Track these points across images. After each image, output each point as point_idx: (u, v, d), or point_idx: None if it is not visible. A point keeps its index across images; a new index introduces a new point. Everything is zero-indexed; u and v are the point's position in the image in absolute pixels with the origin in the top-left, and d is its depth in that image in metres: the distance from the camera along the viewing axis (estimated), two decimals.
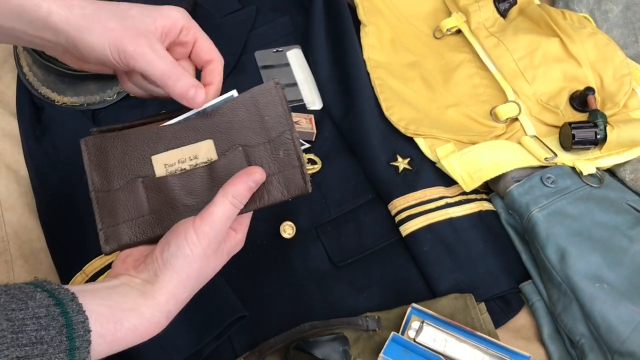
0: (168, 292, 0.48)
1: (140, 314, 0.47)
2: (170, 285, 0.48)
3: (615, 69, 0.80)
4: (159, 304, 0.48)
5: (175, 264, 0.48)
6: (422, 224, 0.72)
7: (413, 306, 0.66)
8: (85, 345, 0.42)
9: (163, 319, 0.49)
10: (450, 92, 0.82)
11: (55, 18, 0.48)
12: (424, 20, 0.90)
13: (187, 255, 0.48)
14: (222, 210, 0.50)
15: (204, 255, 0.49)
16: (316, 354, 0.62)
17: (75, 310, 0.43)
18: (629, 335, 0.62)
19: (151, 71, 0.50)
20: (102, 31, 0.49)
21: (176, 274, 0.49)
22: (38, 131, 0.80)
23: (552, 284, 0.67)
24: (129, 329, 0.46)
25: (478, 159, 0.74)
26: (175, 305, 0.49)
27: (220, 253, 0.51)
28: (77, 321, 0.42)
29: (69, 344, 0.41)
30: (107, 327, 0.45)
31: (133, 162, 0.54)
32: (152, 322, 0.48)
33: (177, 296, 0.49)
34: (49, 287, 0.44)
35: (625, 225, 0.69)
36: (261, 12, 0.90)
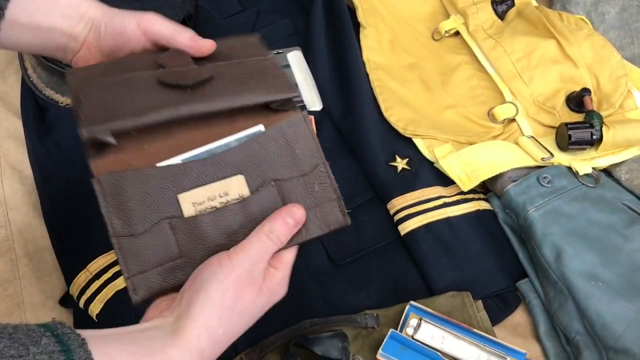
0: (200, 325, 0.44)
1: (167, 357, 0.42)
2: (202, 316, 0.44)
3: (611, 71, 0.81)
4: (189, 342, 0.43)
5: (208, 290, 0.45)
6: (420, 223, 0.73)
7: (411, 304, 0.67)
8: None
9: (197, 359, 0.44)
10: (449, 93, 0.83)
11: (92, 12, 0.58)
12: (422, 22, 0.91)
13: (220, 281, 0.45)
14: (257, 243, 0.47)
15: (238, 283, 0.45)
16: (316, 351, 0.63)
17: (83, 357, 0.39)
18: (623, 332, 0.63)
19: (164, 29, 0.58)
20: (127, 15, 0.58)
21: (209, 302, 0.44)
22: (42, 132, 0.81)
23: (548, 282, 0.68)
24: None
25: (475, 159, 0.75)
26: (209, 343, 0.44)
27: (259, 289, 0.48)
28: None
29: None
30: None
31: (157, 202, 0.49)
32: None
33: (210, 330, 0.44)
34: (60, 331, 0.40)
35: (621, 225, 0.70)
36: (262, 14, 0.91)
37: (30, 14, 0.55)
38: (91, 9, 0.58)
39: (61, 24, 0.57)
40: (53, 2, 0.56)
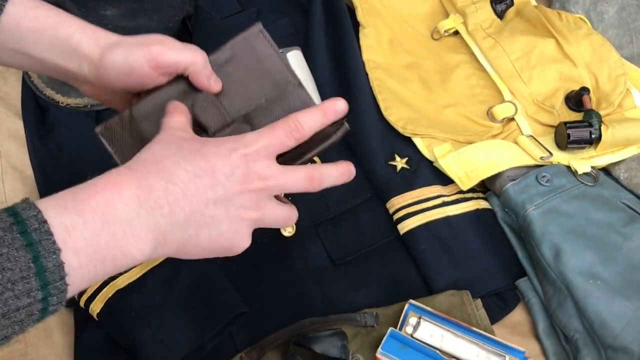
0: (148, 151, 0.45)
1: (100, 176, 0.42)
2: (148, 151, 0.45)
3: (610, 70, 0.81)
4: (116, 169, 0.43)
5: (153, 144, 0.46)
6: (419, 222, 0.73)
7: (410, 302, 0.68)
8: (47, 237, 0.37)
9: (126, 170, 0.43)
10: (448, 92, 0.84)
11: (84, 45, 0.52)
12: (422, 22, 0.92)
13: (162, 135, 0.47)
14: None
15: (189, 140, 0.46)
16: (315, 349, 0.63)
17: (25, 207, 0.38)
18: (621, 331, 0.63)
19: (178, 59, 0.53)
20: (125, 50, 0.52)
21: (154, 146, 0.45)
22: (43, 132, 0.82)
23: (547, 280, 0.68)
24: (89, 187, 0.41)
25: (474, 159, 0.75)
26: (135, 162, 0.44)
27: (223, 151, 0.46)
28: (28, 216, 0.38)
29: (25, 239, 0.37)
30: (66, 197, 0.40)
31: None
32: (113, 173, 0.43)
33: (147, 147, 0.45)
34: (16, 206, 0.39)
35: (619, 223, 0.70)
36: (261, 14, 0.92)
37: (16, 42, 0.52)
38: (83, 42, 0.52)
39: (52, 57, 0.53)
40: (39, 32, 0.51)
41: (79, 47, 0.52)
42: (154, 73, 0.53)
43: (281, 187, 0.48)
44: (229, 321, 0.67)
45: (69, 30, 0.52)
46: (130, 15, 0.80)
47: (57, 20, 0.52)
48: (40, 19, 0.52)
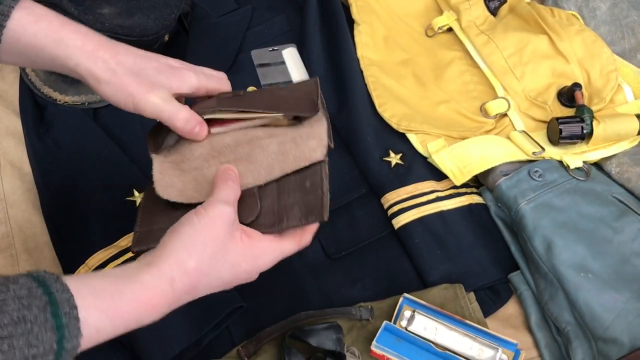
0: (171, 257, 0.48)
1: (141, 282, 0.46)
2: (174, 250, 0.48)
3: (602, 65, 0.82)
4: (160, 269, 0.47)
5: (180, 231, 0.49)
6: (413, 217, 0.74)
7: (405, 296, 0.69)
8: (74, 322, 0.41)
9: (167, 287, 0.47)
10: (442, 88, 0.85)
11: (81, 68, 0.54)
12: (416, 19, 0.92)
13: (193, 224, 0.49)
14: (223, 188, 0.53)
15: (211, 223, 0.49)
16: (311, 342, 0.64)
17: (60, 289, 0.42)
18: (611, 322, 0.64)
19: (159, 116, 0.55)
20: (118, 86, 0.54)
21: (180, 239, 0.48)
22: (41, 129, 0.82)
23: (539, 274, 0.69)
24: (131, 300, 0.45)
25: (468, 154, 0.76)
26: (179, 273, 0.48)
27: (234, 239, 0.51)
28: (61, 299, 0.41)
29: (55, 321, 0.41)
30: (106, 301, 0.44)
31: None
32: (154, 291, 0.46)
33: (180, 263, 0.48)
34: (35, 273, 0.44)
35: (611, 217, 0.71)
36: (257, 11, 0.92)
37: (19, 53, 0.54)
38: (80, 66, 0.54)
39: (52, 66, 0.55)
40: (39, 48, 0.53)
41: (77, 69, 0.54)
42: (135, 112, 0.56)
43: None
44: (225, 315, 0.68)
45: (67, 51, 0.53)
46: (126, 14, 0.80)
47: (56, 38, 0.53)
48: (39, 37, 0.53)
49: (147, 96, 0.54)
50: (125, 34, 0.79)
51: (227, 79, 0.62)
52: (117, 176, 0.77)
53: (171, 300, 0.48)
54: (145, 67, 0.56)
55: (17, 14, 0.52)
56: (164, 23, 0.83)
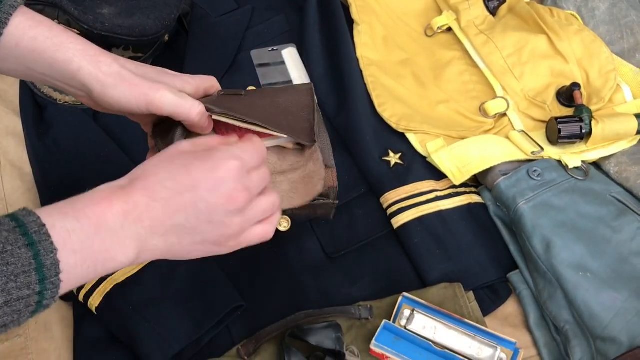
0: (143, 169, 0.47)
1: (95, 190, 0.45)
2: (145, 166, 0.47)
3: (600, 65, 0.82)
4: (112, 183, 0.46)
5: (154, 158, 0.48)
6: (412, 217, 0.74)
7: (404, 295, 0.69)
8: (45, 238, 0.41)
9: (119, 185, 0.46)
10: (441, 88, 0.85)
11: (84, 73, 0.52)
12: (415, 19, 0.93)
13: (168, 149, 0.48)
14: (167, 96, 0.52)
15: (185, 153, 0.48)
16: (310, 341, 0.64)
17: (25, 214, 0.42)
18: (610, 321, 0.64)
19: (176, 110, 0.54)
20: (127, 88, 0.52)
21: (150, 162, 0.47)
22: (41, 129, 0.82)
23: (538, 273, 0.70)
24: (86, 199, 0.44)
25: (467, 154, 0.76)
26: (139, 173, 0.47)
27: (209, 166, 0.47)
28: (28, 221, 0.41)
29: (26, 239, 0.40)
30: (66, 206, 0.43)
31: None
32: (106, 188, 0.46)
33: (142, 166, 0.47)
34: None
35: (609, 217, 0.71)
36: (257, 11, 0.92)
37: (17, 59, 0.52)
38: (83, 70, 0.52)
39: (52, 76, 0.53)
40: (38, 53, 0.52)
41: (79, 74, 0.52)
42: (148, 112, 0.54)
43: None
44: (225, 314, 0.68)
45: (68, 54, 0.52)
46: (126, 13, 0.81)
47: (56, 42, 0.52)
48: (39, 40, 0.52)
49: (162, 93, 0.53)
50: (125, 34, 0.79)
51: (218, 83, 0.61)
52: (116, 176, 0.76)
53: (124, 196, 0.45)
54: (146, 70, 0.55)
55: (16, 19, 0.51)
56: (163, 23, 0.83)
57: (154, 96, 0.53)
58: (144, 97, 0.53)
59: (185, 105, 0.54)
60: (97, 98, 0.53)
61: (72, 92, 0.55)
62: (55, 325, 0.71)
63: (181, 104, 0.53)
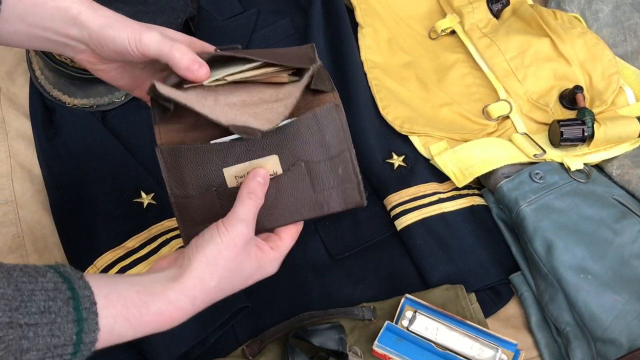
0: (195, 276, 0.51)
1: (166, 298, 0.49)
2: (199, 269, 0.51)
3: (603, 68, 0.82)
4: (185, 287, 0.50)
5: (205, 249, 0.51)
6: (415, 219, 0.75)
7: (407, 297, 0.70)
8: (93, 317, 0.45)
9: (188, 304, 0.50)
10: (444, 91, 0.85)
11: (83, 16, 0.56)
12: (419, 21, 0.93)
13: (217, 243, 0.52)
14: (241, 205, 0.54)
15: (233, 244, 0.52)
16: (313, 342, 0.65)
17: (82, 286, 0.45)
18: (610, 323, 0.65)
19: (161, 50, 0.56)
20: (122, 27, 0.56)
21: (205, 258, 0.51)
22: (50, 132, 0.84)
23: (540, 275, 0.70)
24: (155, 313, 0.48)
25: (470, 156, 0.77)
26: (201, 292, 0.51)
27: (249, 256, 0.54)
28: (83, 295, 0.45)
29: (76, 314, 0.44)
30: (132, 311, 0.47)
31: (206, 173, 0.58)
32: (177, 307, 0.50)
33: (204, 281, 0.51)
34: (61, 269, 0.47)
35: (611, 219, 0.72)
36: (262, 15, 0.93)
37: (19, 16, 0.56)
38: (82, 14, 0.56)
39: (54, 26, 0.56)
40: (40, 4, 0.55)
41: (79, 17, 0.56)
42: (142, 57, 0.57)
43: None
44: (230, 315, 0.69)
45: (67, 1, 0.55)
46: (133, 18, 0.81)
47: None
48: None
49: (150, 32, 0.56)
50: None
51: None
52: (124, 178, 0.79)
53: (190, 314, 0.52)
54: (147, 24, 0.58)
55: None
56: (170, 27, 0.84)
57: (143, 35, 0.56)
58: (135, 35, 0.56)
59: (169, 44, 0.56)
60: (94, 42, 0.56)
61: (72, 46, 0.58)
62: None
63: (166, 42, 0.56)
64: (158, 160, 0.57)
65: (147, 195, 0.77)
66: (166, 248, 0.73)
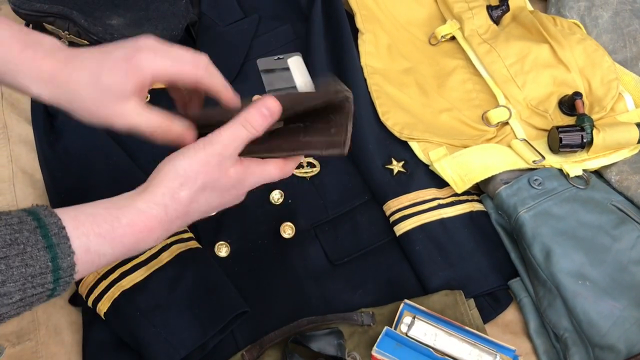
0: (164, 185, 0.50)
1: (136, 208, 0.48)
2: (167, 179, 0.50)
3: (602, 74, 0.83)
4: (154, 196, 0.49)
5: (175, 161, 0.50)
6: (415, 224, 0.75)
7: (405, 302, 0.70)
8: (64, 241, 0.44)
9: (161, 212, 0.49)
10: (444, 97, 0.86)
11: (43, 94, 0.53)
12: (419, 28, 0.94)
13: (189, 156, 0.50)
14: (231, 130, 0.52)
15: (205, 161, 0.51)
16: (312, 348, 0.66)
17: (47, 214, 0.45)
18: (608, 330, 0.65)
19: (140, 129, 0.55)
20: (81, 106, 0.54)
21: (174, 169, 0.50)
22: (52, 137, 0.84)
23: (538, 281, 0.70)
24: (127, 225, 0.48)
25: (469, 162, 0.77)
26: (172, 201, 0.50)
27: (225, 172, 0.52)
28: (49, 222, 0.44)
29: (45, 241, 0.43)
30: (104, 226, 0.46)
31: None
32: (149, 215, 0.49)
33: (173, 190, 0.50)
34: (27, 208, 0.46)
35: (609, 225, 0.72)
36: (263, 20, 0.94)
37: None
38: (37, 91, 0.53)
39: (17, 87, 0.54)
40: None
41: (39, 97, 0.53)
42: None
43: None
44: (230, 320, 0.69)
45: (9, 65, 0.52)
46: (135, 24, 0.82)
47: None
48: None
49: (115, 110, 0.54)
50: None
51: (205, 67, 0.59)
52: (125, 183, 0.78)
53: (165, 225, 0.50)
54: (100, 71, 0.53)
55: None
56: (172, 33, 0.85)
57: (112, 116, 0.54)
58: (99, 119, 0.54)
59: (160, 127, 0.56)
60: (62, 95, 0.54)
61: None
62: (65, 329, 0.73)
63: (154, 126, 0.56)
64: None
65: None
66: (166, 253, 0.73)
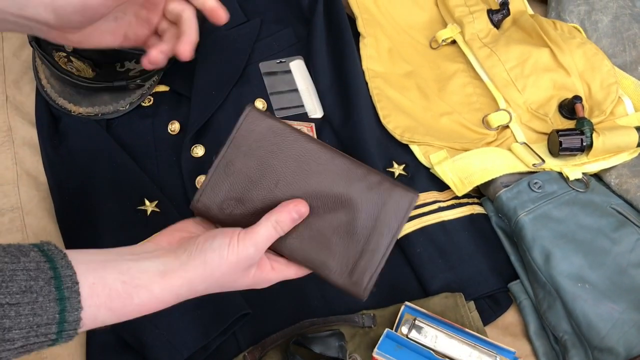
0: (186, 277, 0.50)
1: (151, 292, 0.49)
2: (192, 271, 0.51)
3: (602, 78, 0.83)
4: (172, 285, 0.50)
5: (207, 257, 0.51)
6: (415, 227, 0.76)
7: (406, 304, 0.71)
8: (75, 296, 0.45)
9: (172, 300, 0.51)
10: (445, 100, 0.86)
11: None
12: (420, 31, 0.94)
13: (222, 257, 0.51)
14: (264, 230, 0.53)
15: (235, 265, 0.52)
16: (314, 349, 0.66)
17: (64, 265, 0.46)
18: (607, 332, 0.65)
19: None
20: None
21: (203, 266, 0.51)
22: (56, 140, 0.85)
23: (538, 283, 0.71)
24: (137, 304, 0.49)
25: (469, 165, 0.78)
26: (187, 292, 0.51)
27: (247, 274, 0.54)
28: (65, 274, 0.45)
29: (58, 293, 0.44)
30: (116, 302, 0.48)
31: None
32: (160, 301, 0.50)
33: (192, 285, 0.51)
34: (45, 247, 0.47)
35: (609, 228, 0.73)
36: (265, 24, 0.94)
37: None
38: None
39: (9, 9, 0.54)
40: None
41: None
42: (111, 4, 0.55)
43: None
44: (232, 322, 0.70)
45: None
46: None
47: None
48: None
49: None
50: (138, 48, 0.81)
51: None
52: (128, 186, 0.80)
53: (171, 305, 0.52)
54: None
55: None
56: None
57: None
58: None
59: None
60: (52, 10, 0.55)
61: (37, 28, 0.57)
62: None
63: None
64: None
65: (150, 202, 0.79)
66: None
